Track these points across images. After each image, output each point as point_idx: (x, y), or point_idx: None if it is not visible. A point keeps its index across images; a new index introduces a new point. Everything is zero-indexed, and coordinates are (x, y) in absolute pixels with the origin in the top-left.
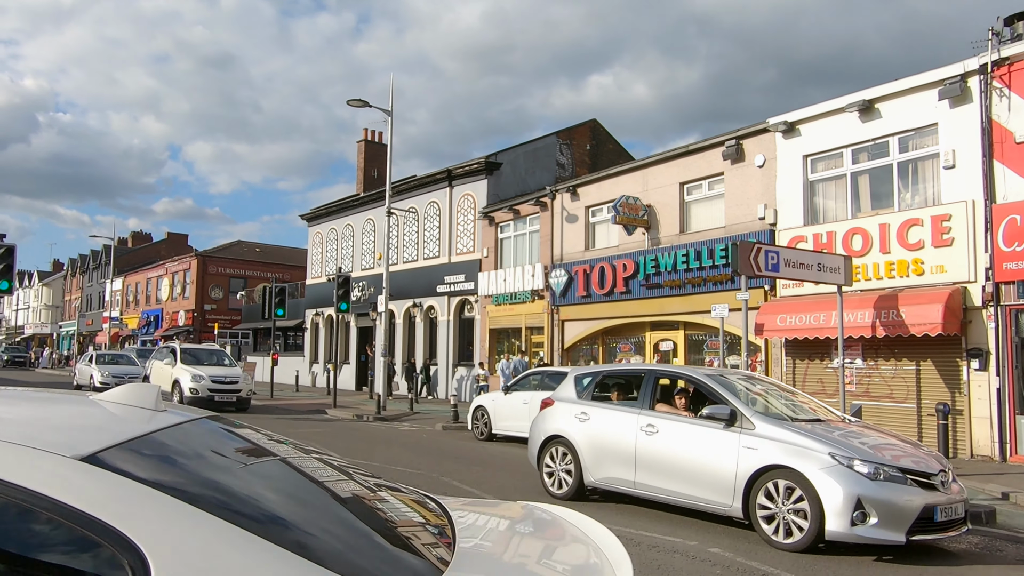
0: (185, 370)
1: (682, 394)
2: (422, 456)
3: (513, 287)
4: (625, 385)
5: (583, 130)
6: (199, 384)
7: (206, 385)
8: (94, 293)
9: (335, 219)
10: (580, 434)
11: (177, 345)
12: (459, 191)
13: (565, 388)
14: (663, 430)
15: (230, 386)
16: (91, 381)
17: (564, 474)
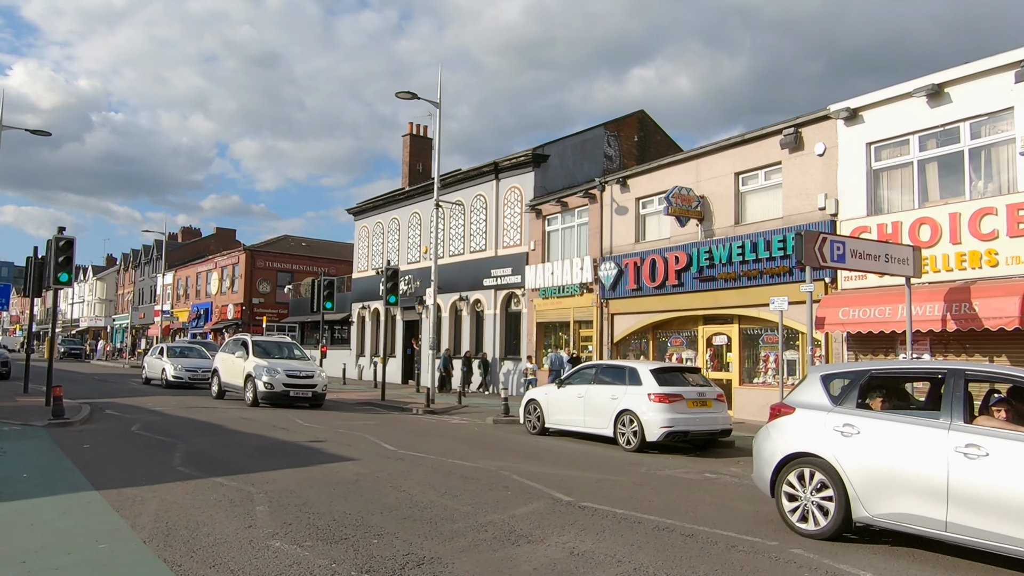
0: (259, 363)
1: (1004, 403)
2: (476, 449)
3: (561, 280)
4: (899, 390)
5: (631, 121)
6: (274, 379)
7: (281, 380)
8: (146, 287)
9: (381, 213)
10: (846, 454)
11: (248, 337)
12: (506, 184)
13: (809, 392)
14: (996, 453)
15: (305, 381)
16: (163, 375)
17: (818, 506)
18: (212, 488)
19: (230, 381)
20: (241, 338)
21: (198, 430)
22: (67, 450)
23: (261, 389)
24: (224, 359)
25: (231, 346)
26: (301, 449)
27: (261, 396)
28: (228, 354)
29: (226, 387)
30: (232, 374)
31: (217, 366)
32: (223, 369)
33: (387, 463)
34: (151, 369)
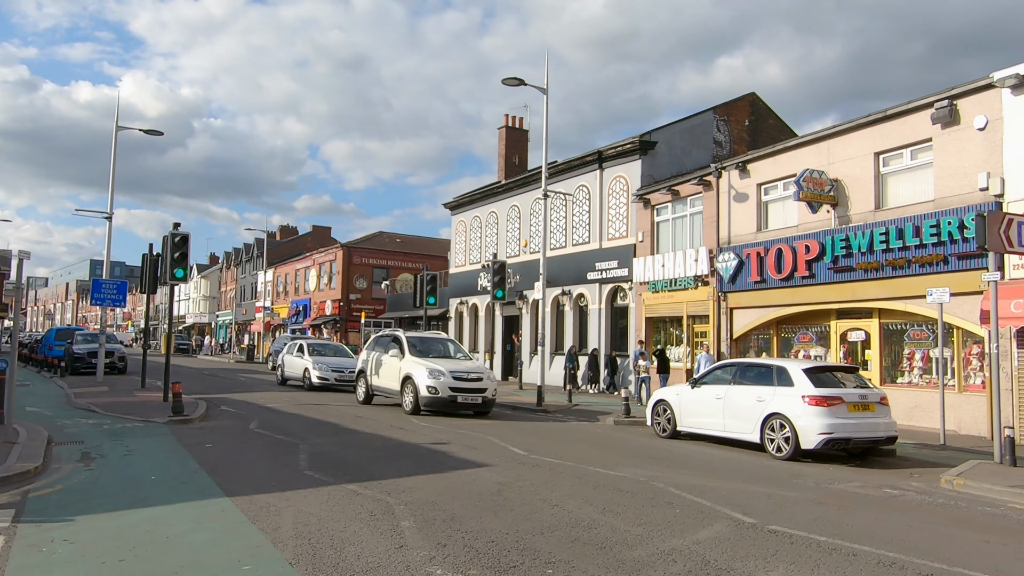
0: (419, 363)
1: None
2: (611, 454)
3: (673, 273)
4: None
5: (741, 105)
6: (439, 382)
7: (447, 383)
8: (247, 284)
9: (478, 207)
10: None
11: (402, 332)
12: (610, 173)
13: None
14: None
15: (474, 384)
16: (306, 376)
17: None
18: (347, 497)
19: (382, 384)
20: (393, 333)
21: (315, 429)
22: (190, 449)
23: (423, 394)
24: (373, 358)
25: (380, 343)
26: (427, 452)
27: (424, 402)
28: (377, 352)
29: (376, 390)
30: (384, 375)
31: (363, 366)
32: (372, 370)
33: (524, 471)
34: (291, 368)
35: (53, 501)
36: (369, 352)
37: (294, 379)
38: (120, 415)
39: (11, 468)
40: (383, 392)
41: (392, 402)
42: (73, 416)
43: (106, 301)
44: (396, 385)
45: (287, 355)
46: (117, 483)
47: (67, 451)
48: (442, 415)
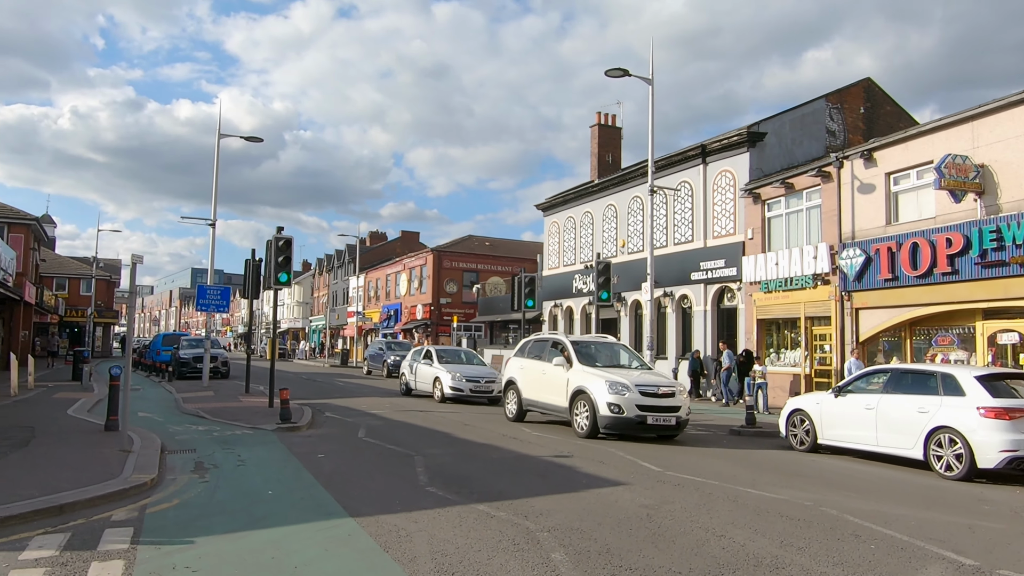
0: (593, 375)
1: None
2: (753, 471)
3: (788, 271)
4: None
5: (855, 91)
6: (622, 398)
7: (632, 400)
8: (339, 290)
9: (572, 207)
10: None
11: (565, 337)
12: (715, 168)
13: None
14: None
15: (665, 401)
16: (437, 387)
17: None
18: (480, 520)
19: (542, 399)
20: (553, 338)
21: (426, 438)
22: (303, 459)
23: (604, 413)
24: (526, 367)
25: (536, 349)
26: (551, 467)
27: (605, 423)
28: (532, 360)
29: (531, 405)
30: (543, 389)
31: (513, 376)
32: (526, 381)
33: (667, 491)
34: (419, 377)
35: (171, 518)
36: (521, 359)
37: (421, 390)
38: (228, 421)
39: (128, 480)
40: (542, 408)
41: (545, 419)
42: (183, 422)
43: (210, 307)
44: (561, 401)
45: (412, 362)
46: (234, 498)
47: (181, 460)
48: (625, 438)
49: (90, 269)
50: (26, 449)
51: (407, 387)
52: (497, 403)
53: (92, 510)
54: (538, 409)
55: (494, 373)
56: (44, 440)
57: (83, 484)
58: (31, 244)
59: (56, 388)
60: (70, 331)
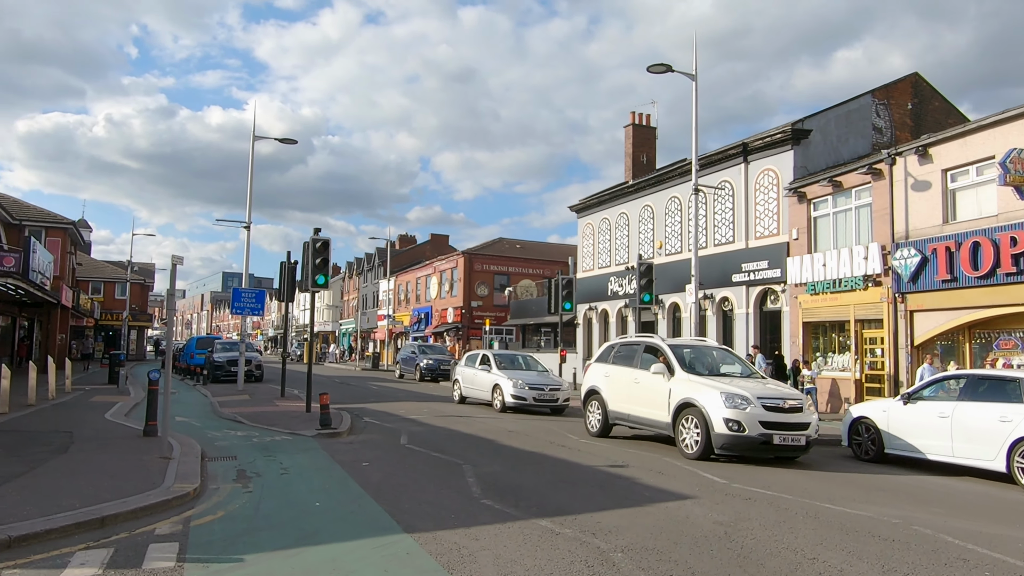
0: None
1: None
2: (826, 483)
3: (836, 272)
4: None
5: (902, 87)
6: (742, 413)
7: (755, 415)
8: (369, 293)
9: (607, 209)
10: None
11: (660, 341)
12: (757, 166)
13: None
14: None
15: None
16: (497, 395)
17: None
18: (545, 538)
19: (636, 412)
20: (646, 341)
21: (471, 446)
22: (347, 468)
23: (720, 431)
24: (613, 375)
25: (625, 354)
26: (608, 477)
27: (722, 443)
28: (620, 366)
29: (619, 418)
30: (639, 400)
31: (596, 385)
32: (613, 391)
33: (739, 506)
34: (474, 385)
35: (217, 532)
36: (604, 366)
37: (478, 398)
38: (266, 426)
39: (170, 490)
40: (634, 423)
41: (633, 434)
42: (221, 427)
43: (245, 310)
44: (660, 415)
45: (467, 368)
46: (281, 510)
47: (222, 468)
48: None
49: (125, 273)
50: (65, 455)
51: (461, 395)
52: (560, 413)
53: (135, 523)
54: (628, 423)
55: (559, 381)
56: (83, 445)
57: (124, 494)
58: (68, 248)
59: (93, 391)
60: (105, 334)
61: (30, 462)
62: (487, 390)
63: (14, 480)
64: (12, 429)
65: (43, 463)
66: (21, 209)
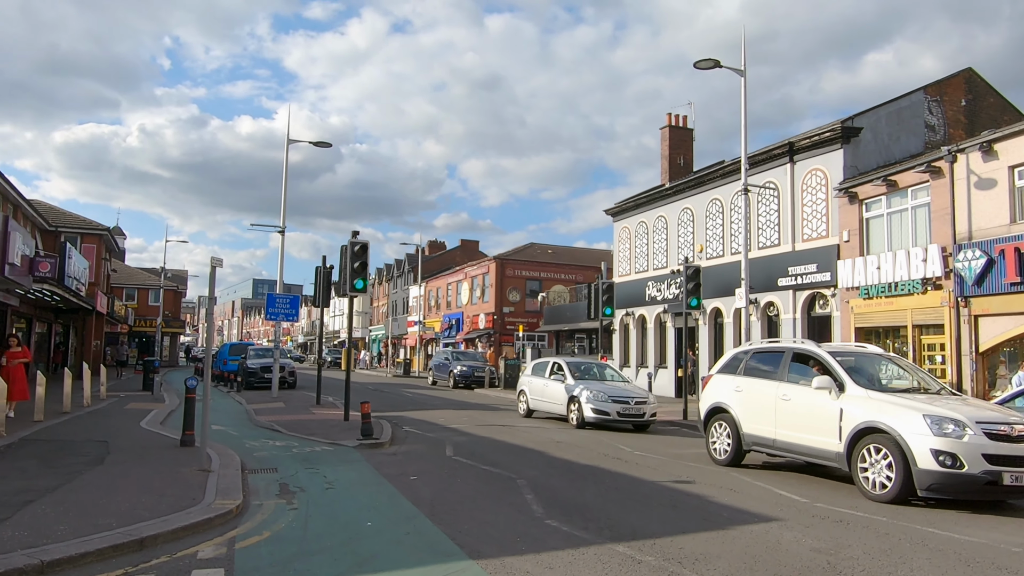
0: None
1: None
2: (925, 506)
3: (892, 276)
4: None
5: (955, 83)
6: (957, 444)
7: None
8: (399, 299)
9: (644, 212)
10: None
11: (817, 347)
12: (803, 167)
13: None
14: None
15: None
16: (572, 407)
17: None
18: (626, 566)
19: (789, 437)
20: (793, 348)
21: (521, 457)
22: (394, 482)
23: (928, 467)
24: (748, 389)
25: (763, 364)
26: (678, 495)
27: (930, 483)
28: (758, 379)
29: (759, 443)
30: (792, 421)
31: (723, 401)
32: (749, 409)
33: (832, 529)
34: (545, 397)
35: (265, 557)
36: (733, 378)
37: (549, 412)
38: (305, 436)
39: (212, 507)
40: (784, 449)
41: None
42: (258, 436)
43: (279, 316)
44: (828, 442)
45: (535, 378)
46: (331, 530)
47: (263, 482)
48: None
49: (158, 280)
50: (101, 467)
51: (528, 409)
52: (644, 430)
53: (175, 544)
54: (773, 451)
55: (645, 392)
56: (119, 457)
57: (164, 511)
58: (102, 254)
59: (127, 398)
60: (139, 341)
61: (65, 474)
62: (561, 403)
63: (48, 495)
64: (47, 438)
65: (78, 475)
66: (57, 216)
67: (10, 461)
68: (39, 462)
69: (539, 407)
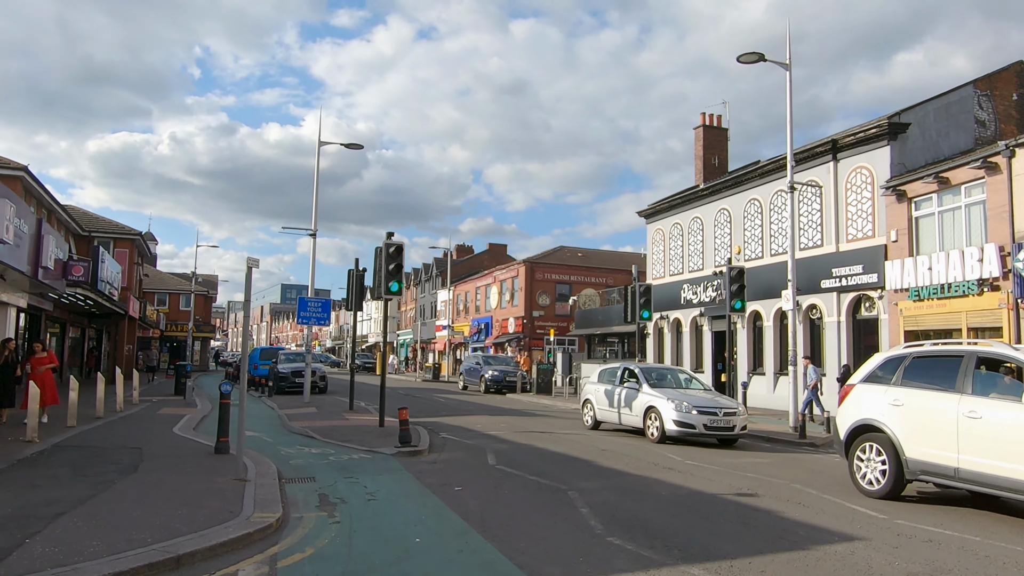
0: None
1: None
2: (1014, 524)
3: (945, 277)
4: None
5: (1007, 76)
6: None
7: None
8: (426, 303)
9: (678, 213)
10: None
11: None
12: (847, 165)
13: None
14: None
15: None
16: (653, 420)
17: None
18: None
19: (976, 465)
20: (978, 352)
21: (567, 466)
22: (438, 493)
23: None
24: (911, 403)
25: (929, 369)
26: (744, 509)
27: None
28: (924, 390)
29: (930, 471)
30: (980, 446)
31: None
32: (916, 429)
33: (921, 549)
34: (615, 406)
35: None
36: (887, 388)
37: (621, 423)
38: (340, 443)
39: (251, 521)
40: (975, 483)
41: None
42: (293, 443)
43: (311, 319)
44: None
45: (603, 386)
46: (377, 548)
47: (301, 492)
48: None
49: (188, 285)
50: (134, 476)
51: (595, 420)
52: (730, 445)
53: (214, 561)
54: (959, 481)
55: (733, 403)
56: (152, 464)
57: (200, 525)
58: (135, 259)
59: (160, 403)
60: (170, 345)
61: (97, 483)
62: (636, 414)
63: (80, 506)
64: (80, 444)
65: (111, 485)
66: (90, 221)
67: (43, 469)
68: (71, 470)
69: (608, 418)
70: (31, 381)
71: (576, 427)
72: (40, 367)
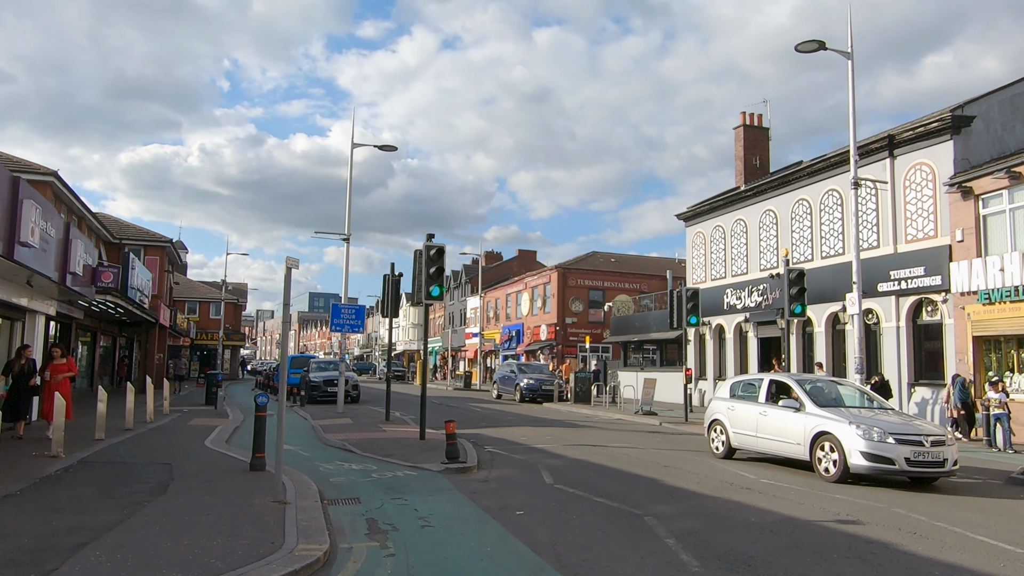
0: None
1: None
2: None
3: (1020, 278)
4: None
5: None
6: None
7: None
8: (456, 311)
9: (719, 216)
10: None
11: None
12: (905, 161)
13: None
14: None
15: None
16: (828, 451)
17: None
18: None
19: None
20: None
21: (633, 486)
22: (499, 518)
23: None
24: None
25: None
26: (853, 540)
27: None
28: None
29: None
30: None
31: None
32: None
33: None
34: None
35: None
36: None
37: (769, 452)
38: (382, 458)
39: (295, 555)
40: None
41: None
42: (331, 458)
43: (344, 327)
44: None
45: (739, 404)
46: None
47: (347, 516)
48: None
49: (219, 293)
50: (164, 497)
51: (728, 447)
52: (930, 484)
53: None
54: None
55: (940, 429)
56: (184, 484)
57: (238, 559)
58: (165, 266)
59: (191, 414)
60: (200, 354)
61: (124, 506)
62: (797, 442)
63: (105, 534)
64: (108, 459)
65: (139, 509)
66: (121, 228)
67: (66, 488)
68: (97, 490)
69: (748, 445)
70: (56, 392)
71: (633, 440)
72: (58, 375)
